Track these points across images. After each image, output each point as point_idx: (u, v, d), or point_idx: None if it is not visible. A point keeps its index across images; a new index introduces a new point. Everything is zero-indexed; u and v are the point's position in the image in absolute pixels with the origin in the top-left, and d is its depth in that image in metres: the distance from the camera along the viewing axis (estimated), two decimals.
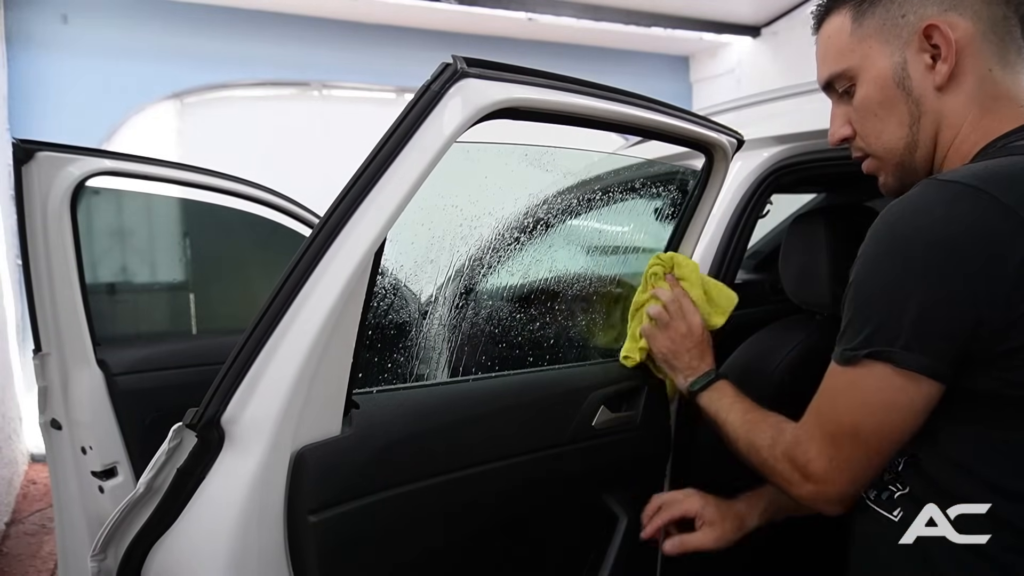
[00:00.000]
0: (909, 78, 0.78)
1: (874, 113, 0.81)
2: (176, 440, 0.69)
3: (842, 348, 0.73)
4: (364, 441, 0.75)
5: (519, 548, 1.06)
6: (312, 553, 0.74)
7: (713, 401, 0.99)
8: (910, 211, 0.69)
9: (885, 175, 0.84)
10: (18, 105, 3.95)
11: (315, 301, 0.68)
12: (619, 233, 1.47)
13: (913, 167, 0.81)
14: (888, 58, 0.78)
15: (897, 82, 0.78)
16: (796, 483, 0.79)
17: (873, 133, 0.82)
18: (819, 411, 0.78)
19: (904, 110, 0.79)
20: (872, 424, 0.72)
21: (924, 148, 0.80)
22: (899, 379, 0.68)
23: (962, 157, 0.77)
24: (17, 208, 1.42)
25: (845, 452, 0.74)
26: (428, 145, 0.66)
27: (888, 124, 0.80)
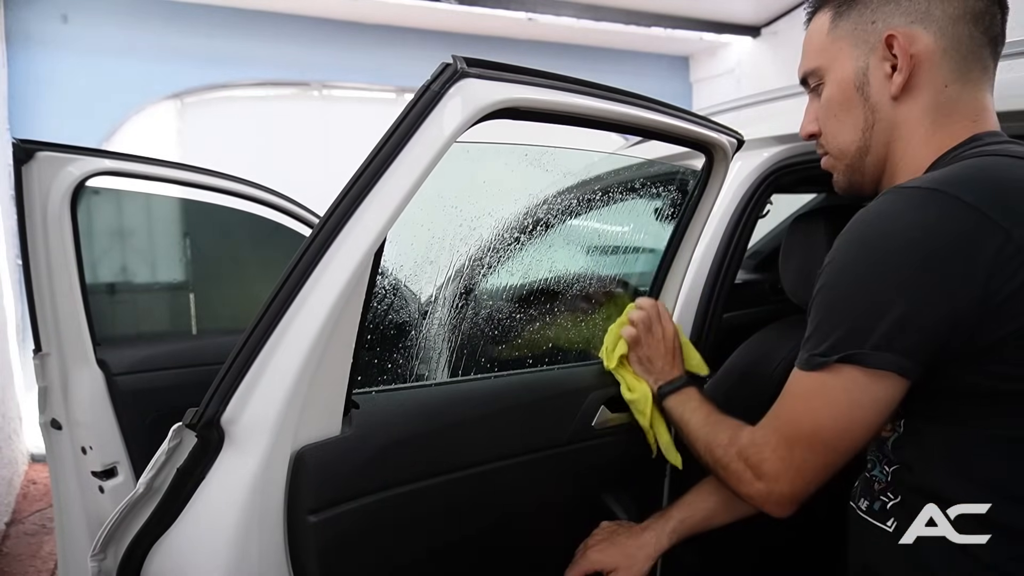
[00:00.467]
0: (869, 84, 0.80)
1: (834, 114, 0.83)
2: (176, 440, 0.69)
3: (808, 354, 0.73)
4: (364, 441, 0.75)
5: (519, 548, 1.06)
6: (312, 553, 0.74)
7: (679, 404, 1.02)
8: (877, 217, 0.71)
9: (837, 174, 0.87)
10: (18, 105, 3.95)
11: (315, 301, 0.68)
12: (619, 233, 1.47)
13: (862, 170, 0.84)
14: (853, 62, 0.81)
15: (857, 86, 0.80)
16: (747, 481, 0.81)
17: (831, 132, 0.85)
18: (777, 415, 0.79)
19: (860, 115, 0.81)
20: (834, 426, 0.73)
21: (875, 154, 0.82)
22: (865, 378, 0.69)
23: (914, 170, 0.79)
24: (17, 208, 1.42)
25: (800, 455, 0.75)
26: (428, 145, 0.66)
27: (845, 126, 0.83)
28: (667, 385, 1.06)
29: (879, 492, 0.79)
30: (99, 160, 1.53)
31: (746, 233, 1.41)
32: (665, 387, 1.06)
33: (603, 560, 1.03)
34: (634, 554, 1.03)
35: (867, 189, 0.86)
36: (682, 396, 1.03)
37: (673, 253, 1.18)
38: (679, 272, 1.21)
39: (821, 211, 1.50)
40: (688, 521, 1.05)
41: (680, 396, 1.03)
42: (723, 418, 0.94)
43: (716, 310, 1.36)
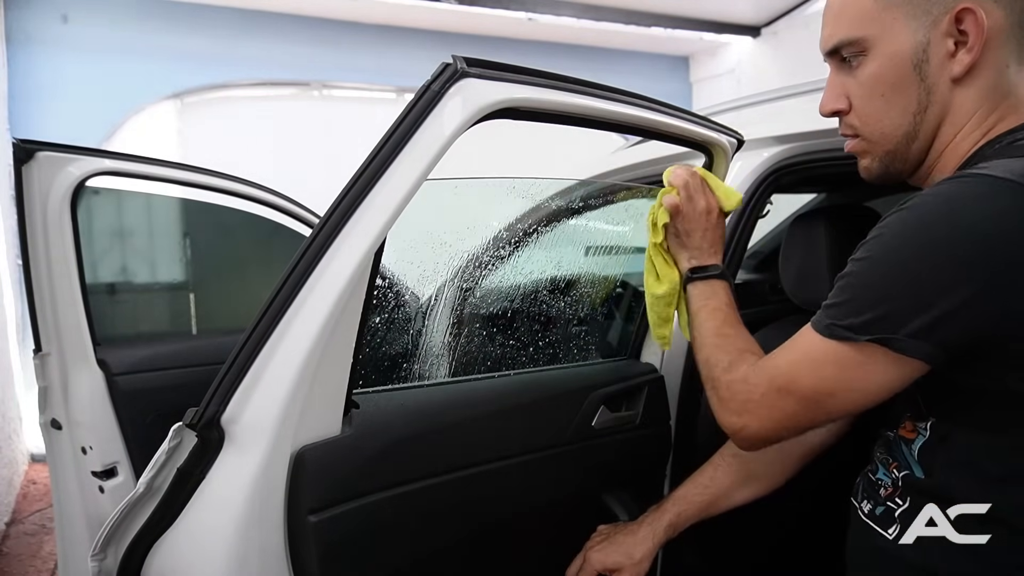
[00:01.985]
0: (927, 62, 0.71)
1: (881, 93, 0.74)
2: (176, 440, 0.69)
3: (831, 322, 0.69)
4: (364, 441, 0.75)
5: (519, 548, 1.06)
6: (312, 553, 0.74)
7: (703, 295, 0.93)
8: (946, 203, 0.64)
9: (871, 159, 0.79)
10: (18, 105, 3.95)
11: (315, 301, 0.68)
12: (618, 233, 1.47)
13: (905, 157, 0.76)
14: (911, 35, 0.71)
15: (914, 64, 0.71)
16: (728, 411, 0.79)
17: (874, 114, 0.76)
18: (778, 365, 0.75)
19: (913, 96, 0.73)
20: (837, 393, 0.71)
21: (923, 140, 0.75)
22: (888, 360, 0.67)
23: (960, 155, 0.73)
24: (17, 208, 1.42)
25: (789, 406, 0.73)
26: (428, 145, 0.66)
27: (893, 108, 0.74)
28: (699, 269, 0.95)
29: (885, 497, 0.77)
30: (99, 160, 1.53)
31: (746, 233, 1.41)
32: (697, 270, 0.95)
33: (604, 560, 1.03)
34: (633, 551, 1.03)
35: (903, 178, 0.79)
36: (708, 289, 0.93)
37: None
38: None
39: (821, 211, 1.50)
40: (684, 514, 1.05)
41: (706, 288, 0.93)
42: (734, 335, 0.86)
43: None
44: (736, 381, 0.79)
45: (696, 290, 0.94)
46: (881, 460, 0.80)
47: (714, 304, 0.91)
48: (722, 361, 0.83)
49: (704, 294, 0.93)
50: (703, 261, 0.96)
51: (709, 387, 0.84)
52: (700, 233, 0.96)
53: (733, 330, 0.88)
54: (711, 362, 0.85)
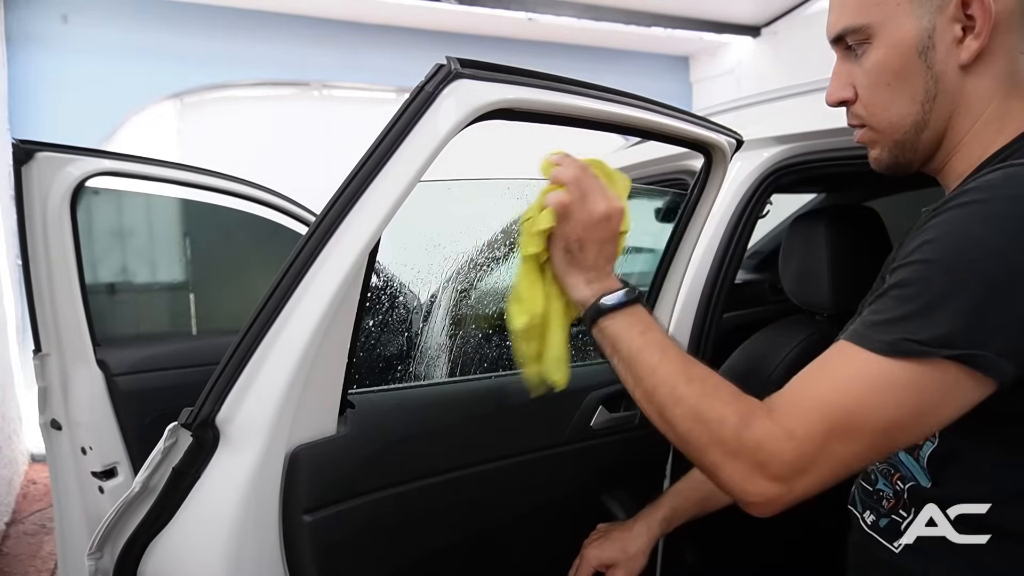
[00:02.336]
0: (934, 49, 0.68)
1: (886, 82, 0.71)
2: (172, 439, 0.69)
3: (902, 336, 0.58)
4: (359, 441, 0.75)
5: (516, 549, 1.06)
6: (307, 552, 0.74)
7: (636, 330, 0.72)
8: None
9: (880, 149, 0.75)
10: (18, 105, 3.96)
11: (310, 301, 0.68)
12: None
13: (914, 147, 0.73)
14: (916, 22, 0.68)
15: (920, 51, 0.68)
16: (763, 477, 0.61)
17: (880, 104, 0.72)
18: (829, 401, 0.60)
19: (920, 85, 0.69)
20: (911, 427, 0.61)
21: (933, 130, 0.71)
22: (970, 381, 0.58)
23: (981, 150, 0.70)
24: (17, 208, 1.42)
25: (853, 452, 0.60)
26: (422, 146, 0.66)
27: (900, 97, 0.71)
28: (610, 297, 0.74)
29: (889, 510, 0.74)
30: (99, 160, 1.53)
31: (746, 233, 1.41)
32: (609, 300, 0.74)
33: (600, 556, 1.02)
34: (627, 547, 1.02)
35: (913, 168, 0.75)
36: (638, 320, 0.73)
37: (673, 253, 1.18)
38: (679, 272, 1.20)
39: (821, 211, 1.50)
40: (679, 509, 1.04)
41: (635, 320, 0.73)
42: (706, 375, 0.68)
43: (716, 310, 1.36)
44: (769, 439, 0.61)
45: (621, 324, 0.73)
46: (881, 471, 0.77)
47: (657, 338, 0.72)
48: (725, 415, 0.64)
49: (636, 328, 0.73)
50: (607, 284, 0.76)
51: (715, 450, 0.64)
52: (597, 246, 0.75)
53: (701, 369, 0.70)
54: (705, 418, 0.65)
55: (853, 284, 1.37)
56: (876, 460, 0.67)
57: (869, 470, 0.80)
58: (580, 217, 0.74)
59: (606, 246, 0.76)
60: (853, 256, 1.38)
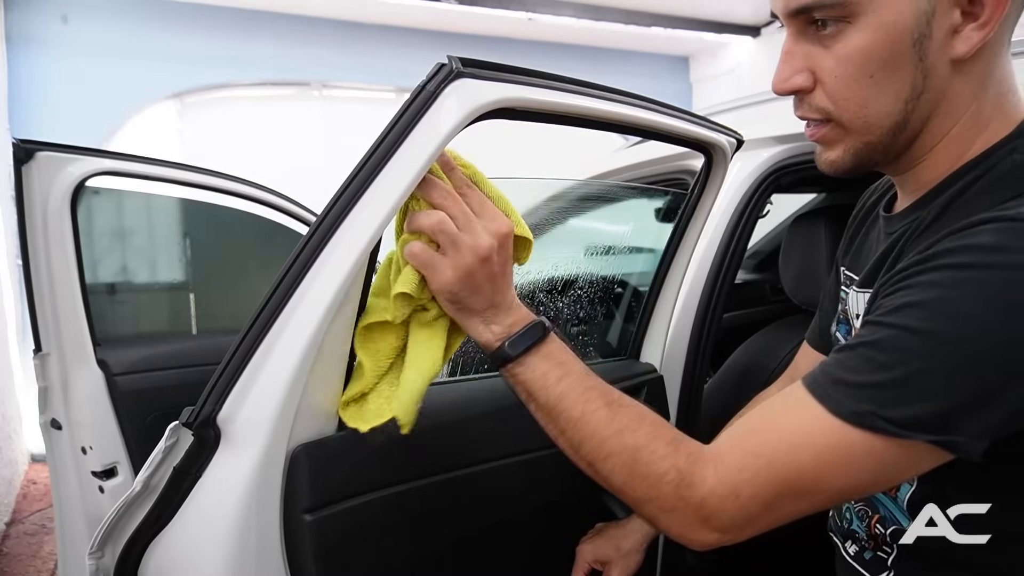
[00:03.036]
0: (930, 38, 0.57)
1: (870, 73, 0.59)
2: (172, 439, 0.69)
3: (871, 409, 0.53)
4: (360, 440, 0.75)
5: (517, 548, 1.06)
6: (308, 552, 0.74)
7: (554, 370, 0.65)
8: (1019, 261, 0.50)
9: (843, 151, 0.64)
10: (18, 105, 3.96)
11: (311, 300, 0.68)
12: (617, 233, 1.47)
13: (886, 150, 0.62)
14: (914, 3, 0.56)
15: (914, 40, 0.57)
16: (704, 528, 0.59)
17: (856, 99, 0.60)
18: (771, 459, 0.56)
19: (907, 79, 0.58)
20: (856, 487, 0.57)
21: (911, 132, 0.61)
22: (931, 455, 0.54)
23: (953, 158, 0.62)
24: (17, 208, 1.42)
25: (798, 508, 0.57)
26: (423, 145, 0.66)
27: (883, 93, 0.59)
28: (514, 341, 0.65)
29: (873, 548, 0.72)
30: (99, 160, 1.53)
31: (746, 233, 1.41)
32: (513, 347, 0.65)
33: (595, 552, 1.02)
34: (621, 544, 1.02)
35: (872, 169, 0.66)
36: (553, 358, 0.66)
37: (672, 253, 1.18)
38: (678, 272, 1.20)
39: (821, 211, 1.50)
40: None
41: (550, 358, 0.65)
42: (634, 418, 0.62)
43: (716, 310, 1.36)
44: (712, 496, 0.57)
45: (534, 371, 0.65)
46: (857, 512, 0.73)
47: (576, 382, 0.64)
48: (663, 472, 0.59)
49: (552, 373, 0.65)
50: (509, 321, 0.66)
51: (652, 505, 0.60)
52: (489, 284, 0.64)
53: (630, 412, 0.63)
54: (642, 473, 0.60)
55: None
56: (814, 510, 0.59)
57: (842, 507, 0.76)
58: (458, 264, 0.62)
59: (498, 279, 0.65)
60: None
